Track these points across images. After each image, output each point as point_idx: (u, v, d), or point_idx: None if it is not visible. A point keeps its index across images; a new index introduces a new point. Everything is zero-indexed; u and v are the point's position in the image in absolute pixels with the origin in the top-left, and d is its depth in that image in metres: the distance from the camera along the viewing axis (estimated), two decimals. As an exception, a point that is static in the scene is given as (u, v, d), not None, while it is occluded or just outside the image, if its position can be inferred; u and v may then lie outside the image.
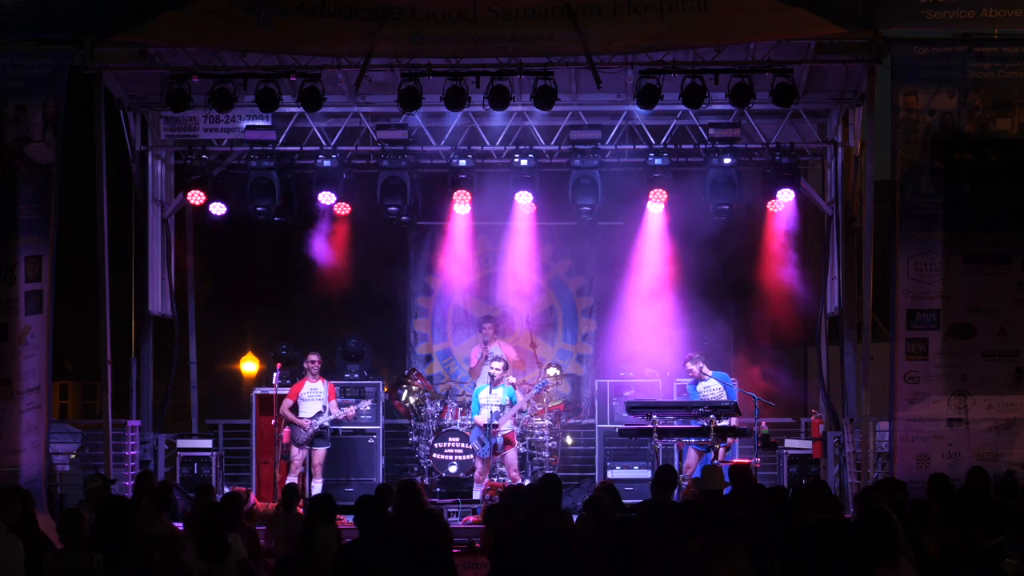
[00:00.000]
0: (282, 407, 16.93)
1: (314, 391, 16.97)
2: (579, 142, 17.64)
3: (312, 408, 16.88)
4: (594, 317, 19.98)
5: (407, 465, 18.33)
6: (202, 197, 17.77)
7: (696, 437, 15.71)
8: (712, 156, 17.74)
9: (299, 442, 16.69)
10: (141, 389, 17.83)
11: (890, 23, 14.86)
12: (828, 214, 18.22)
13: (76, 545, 9.18)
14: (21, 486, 12.89)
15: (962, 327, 14.71)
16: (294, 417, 16.77)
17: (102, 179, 15.71)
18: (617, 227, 19.10)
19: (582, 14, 14.74)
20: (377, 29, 14.88)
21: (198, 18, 15.05)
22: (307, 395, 16.94)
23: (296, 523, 11.46)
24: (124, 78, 16.98)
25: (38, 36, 15.27)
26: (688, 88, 15.81)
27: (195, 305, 19.48)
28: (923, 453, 14.54)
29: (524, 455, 17.48)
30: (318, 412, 16.84)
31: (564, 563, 9.23)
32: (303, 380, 17.08)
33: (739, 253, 18.86)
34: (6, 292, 14.86)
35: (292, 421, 16.75)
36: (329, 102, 16.49)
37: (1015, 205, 14.73)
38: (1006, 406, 14.61)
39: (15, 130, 15.03)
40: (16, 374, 14.79)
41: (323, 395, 16.94)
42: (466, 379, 19.10)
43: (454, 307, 20.13)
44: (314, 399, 16.93)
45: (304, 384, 17.01)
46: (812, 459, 17.02)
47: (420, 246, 19.99)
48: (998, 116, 14.78)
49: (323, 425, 16.80)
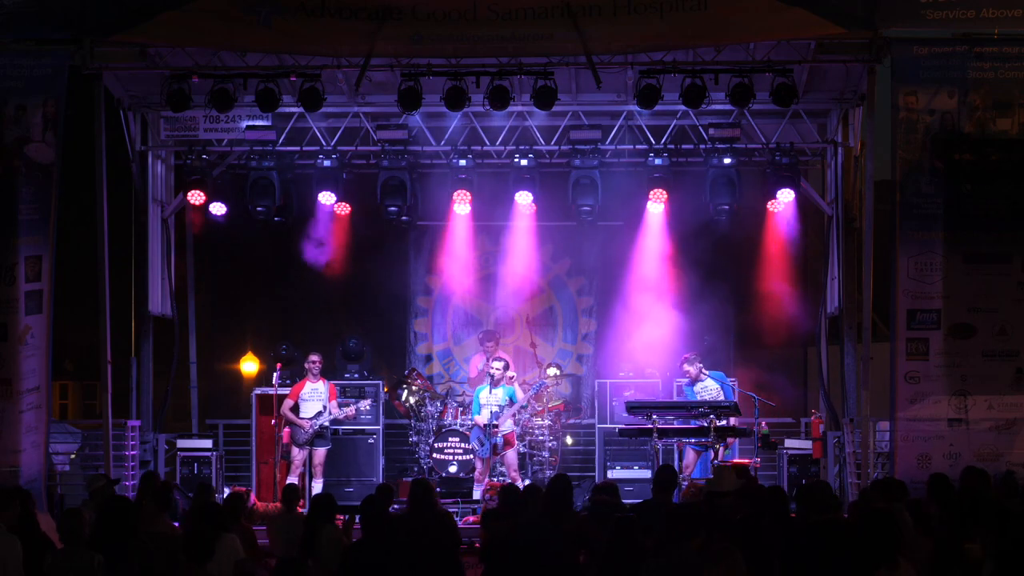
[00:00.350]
0: (283, 407, 16.93)
1: (315, 391, 16.97)
2: (579, 142, 17.63)
3: (312, 408, 16.88)
4: (594, 317, 19.98)
5: (407, 465, 18.33)
6: (202, 197, 17.77)
7: (696, 437, 15.71)
8: (712, 156, 17.74)
9: (299, 442, 16.69)
10: (141, 389, 17.83)
11: (890, 23, 14.86)
12: (828, 214, 18.22)
13: (76, 545, 9.18)
14: (21, 486, 12.88)
15: (962, 327, 14.71)
16: (294, 417, 16.77)
17: (102, 179, 15.72)
18: (617, 227, 19.09)
19: (582, 14, 14.74)
20: (377, 29, 14.88)
21: (198, 18, 15.06)
22: (308, 395, 16.94)
23: (296, 523, 11.45)
24: (124, 78, 16.98)
25: (38, 36, 15.28)
26: (688, 88, 15.80)
27: (195, 305, 19.47)
28: (923, 453, 14.54)
29: (524, 455, 17.48)
30: (318, 412, 16.84)
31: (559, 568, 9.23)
32: (304, 380, 17.08)
33: (739, 253, 18.85)
34: (6, 292, 14.86)
35: (292, 421, 16.75)
36: (329, 102, 16.49)
37: (1015, 205, 14.73)
38: (1006, 406, 14.61)
39: (15, 130, 15.04)
40: (16, 374, 14.79)
41: (324, 395, 16.93)
42: (466, 379, 19.11)
43: (454, 307, 20.13)
44: (315, 399, 16.93)
45: (305, 384, 17.01)
46: (812, 459, 17.01)
47: (420, 246, 19.98)
48: (998, 116, 14.78)
49: (323, 425, 16.80)
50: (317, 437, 16.77)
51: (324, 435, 16.84)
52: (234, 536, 10.16)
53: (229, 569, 9.64)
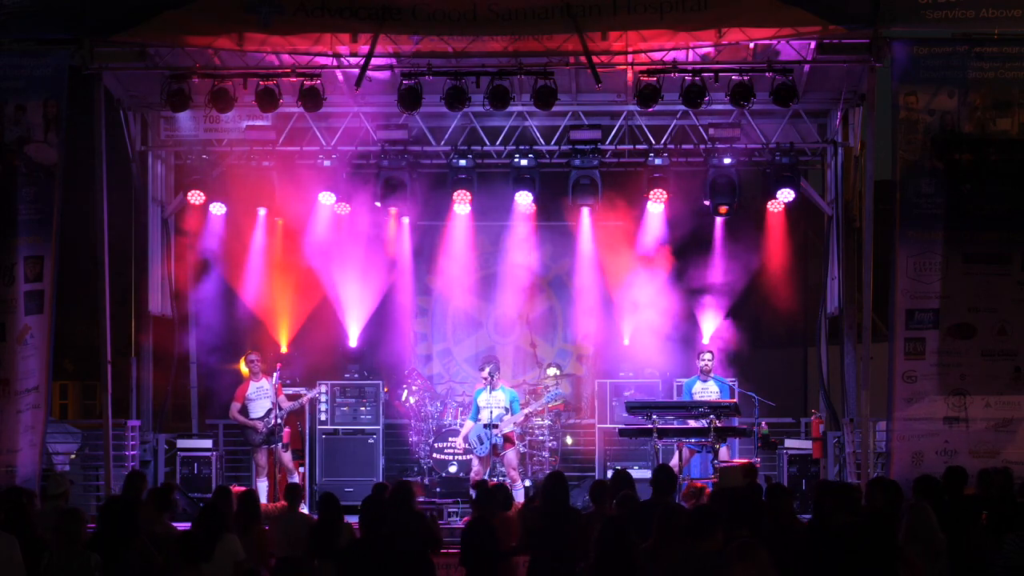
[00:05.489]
0: (231, 411, 16.97)
1: (260, 390, 16.97)
2: (579, 142, 17.64)
3: (261, 407, 16.91)
4: (594, 317, 19.96)
5: (407, 465, 18.33)
6: (202, 197, 17.78)
7: (696, 437, 15.70)
8: (712, 156, 17.75)
9: (256, 443, 16.73)
10: (141, 389, 17.84)
11: (890, 23, 14.85)
12: (828, 214, 18.22)
13: (74, 545, 9.17)
14: (19, 485, 12.87)
15: (962, 327, 14.71)
16: (244, 419, 16.79)
17: (102, 179, 15.73)
18: (617, 227, 19.09)
19: (582, 14, 14.73)
20: (377, 29, 14.89)
21: (198, 18, 15.07)
22: (253, 395, 16.96)
23: (298, 522, 11.43)
24: (124, 78, 16.98)
25: (38, 36, 15.28)
26: (688, 88, 15.81)
27: (195, 305, 19.45)
28: (918, 451, 14.55)
29: (524, 455, 17.48)
30: (268, 410, 16.84)
31: None
32: (246, 382, 17.07)
33: (739, 253, 18.85)
34: (4, 292, 14.86)
35: (243, 424, 16.78)
36: (329, 102, 16.50)
37: (1015, 205, 14.73)
38: (1004, 405, 14.62)
39: (15, 130, 15.04)
40: (14, 374, 14.79)
41: (270, 393, 16.93)
42: (466, 379, 19.10)
43: (454, 307, 20.13)
44: (262, 398, 16.95)
45: (248, 385, 17.01)
46: (812, 459, 17.01)
47: (420, 246, 19.98)
48: (998, 116, 14.78)
49: (277, 423, 16.80)
50: (271, 435, 16.78)
51: (278, 432, 16.85)
52: (234, 536, 10.14)
53: (228, 570, 9.64)
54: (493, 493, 11.02)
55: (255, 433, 16.75)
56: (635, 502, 10.47)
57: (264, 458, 16.82)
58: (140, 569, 9.27)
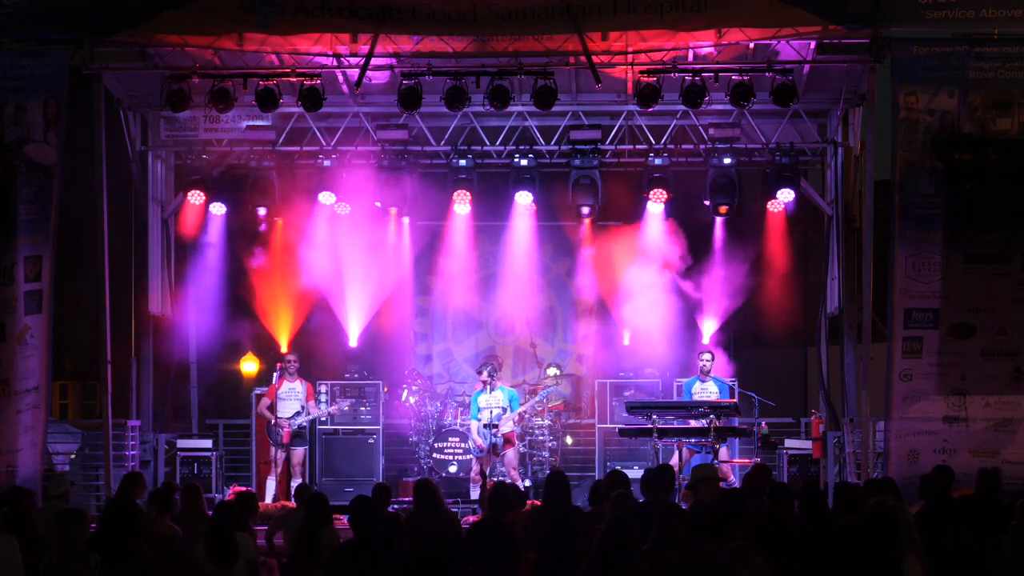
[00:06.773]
0: (259, 406, 16.99)
1: (292, 391, 17.02)
2: (579, 142, 17.65)
3: (290, 408, 16.93)
4: (594, 317, 19.96)
5: (407, 465, 18.33)
6: (202, 197, 17.79)
7: (696, 437, 15.70)
8: (712, 156, 17.75)
9: (276, 442, 16.74)
10: (141, 389, 17.83)
11: (890, 23, 14.85)
12: (828, 214, 18.22)
13: (73, 545, 9.16)
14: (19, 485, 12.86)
15: (962, 327, 14.71)
16: (271, 415, 16.83)
17: (102, 179, 15.73)
18: (616, 227, 19.09)
19: (582, 14, 14.73)
20: (377, 29, 14.89)
21: (198, 18, 15.07)
22: (285, 395, 17.00)
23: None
24: (124, 78, 16.98)
25: (38, 36, 15.28)
26: (688, 88, 15.81)
27: (195, 305, 19.43)
28: (914, 450, 14.54)
29: (524, 455, 17.48)
30: (296, 412, 16.87)
31: None
32: (281, 379, 17.11)
33: (739, 253, 18.85)
34: (4, 292, 14.86)
35: (269, 420, 16.82)
36: (329, 102, 16.51)
37: (1015, 205, 14.73)
38: (1004, 405, 14.62)
39: (15, 130, 15.04)
40: (13, 374, 14.79)
41: (301, 395, 16.98)
42: (466, 379, 19.10)
43: (454, 307, 20.12)
44: (292, 399, 16.99)
45: (283, 384, 17.05)
46: (812, 459, 17.00)
47: (420, 246, 19.97)
48: (998, 116, 14.78)
49: (301, 425, 16.83)
50: (295, 437, 16.81)
51: (302, 435, 16.91)
52: (247, 535, 10.16)
53: (245, 569, 9.62)
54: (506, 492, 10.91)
55: (278, 431, 16.78)
56: (631, 502, 10.45)
57: (280, 458, 16.82)
58: (138, 570, 9.25)
